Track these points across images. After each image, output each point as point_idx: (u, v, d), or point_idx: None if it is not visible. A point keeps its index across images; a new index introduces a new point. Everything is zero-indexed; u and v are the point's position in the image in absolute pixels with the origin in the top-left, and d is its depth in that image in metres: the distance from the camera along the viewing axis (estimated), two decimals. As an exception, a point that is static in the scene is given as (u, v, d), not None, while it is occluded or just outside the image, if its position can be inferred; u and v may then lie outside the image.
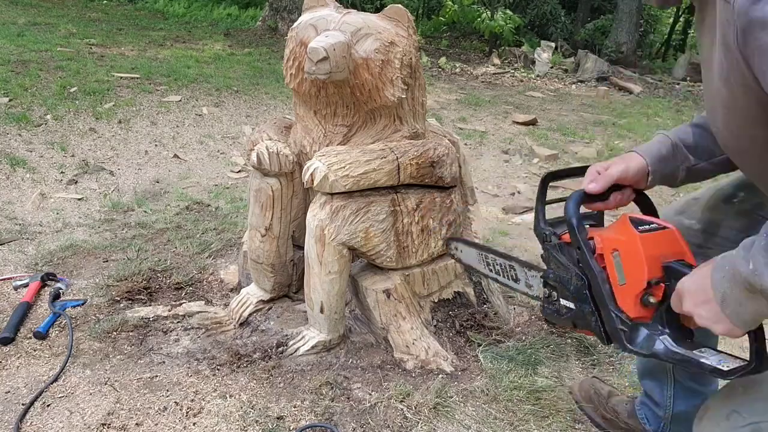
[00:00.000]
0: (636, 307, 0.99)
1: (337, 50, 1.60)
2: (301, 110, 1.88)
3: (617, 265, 1.01)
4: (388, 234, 1.81)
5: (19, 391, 1.70)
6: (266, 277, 2.00)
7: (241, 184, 3.66)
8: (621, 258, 1.01)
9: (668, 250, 1.01)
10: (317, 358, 1.87)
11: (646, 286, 0.98)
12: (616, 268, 1.01)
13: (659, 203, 1.88)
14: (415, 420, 1.66)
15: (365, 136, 1.81)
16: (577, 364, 2.02)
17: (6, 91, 4.34)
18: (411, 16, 1.73)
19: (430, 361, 1.86)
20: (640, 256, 0.98)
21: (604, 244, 1.05)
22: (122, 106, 4.50)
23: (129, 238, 2.70)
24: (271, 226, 1.91)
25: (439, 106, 6.16)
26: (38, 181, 3.34)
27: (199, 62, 6.27)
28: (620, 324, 1.00)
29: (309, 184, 1.72)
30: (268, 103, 5.23)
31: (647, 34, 14.03)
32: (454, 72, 8.72)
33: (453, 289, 2.01)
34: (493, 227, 3.29)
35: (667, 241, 1.02)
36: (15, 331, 1.92)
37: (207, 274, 2.38)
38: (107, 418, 1.60)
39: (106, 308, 2.11)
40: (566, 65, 10.08)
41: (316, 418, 1.64)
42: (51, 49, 5.70)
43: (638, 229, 1.02)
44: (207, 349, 1.90)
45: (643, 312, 0.99)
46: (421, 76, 1.82)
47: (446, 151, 1.87)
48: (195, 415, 1.63)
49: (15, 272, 2.35)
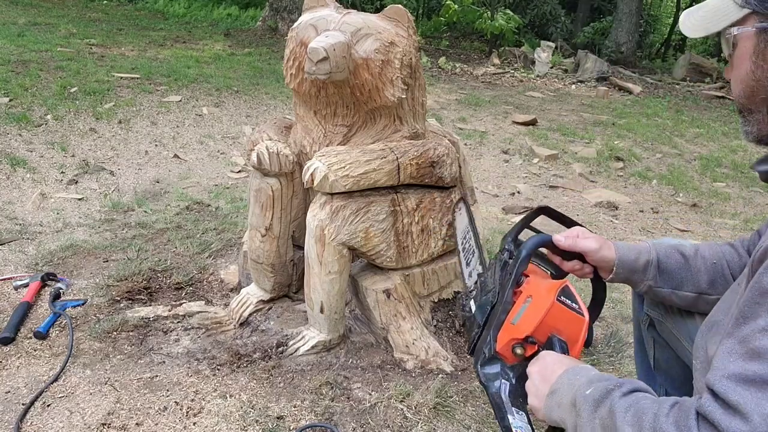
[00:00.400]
0: (506, 346, 1.08)
1: (337, 50, 1.61)
2: (301, 110, 1.88)
3: (522, 308, 1.09)
4: (388, 234, 1.81)
5: (19, 391, 1.70)
6: (266, 277, 2.00)
7: (241, 184, 3.66)
8: (528, 305, 1.09)
9: (565, 329, 1.08)
10: (317, 358, 1.87)
11: (524, 338, 1.06)
12: (520, 309, 1.09)
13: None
14: (415, 420, 1.66)
15: (365, 136, 1.81)
16: (577, 364, 2.02)
17: (6, 91, 4.34)
18: (411, 16, 1.73)
19: (430, 361, 1.87)
20: (539, 316, 1.06)
21: (528, 286, 1.13)
22: (122, 106, 4.50)
23: (129, 238, 2.70)
24: (271, 226, 1.92)
25: (439, 106, 6.17)
26: (38, 181, 3.34)
27: (199, 62, 6.28)
28: (486, 349, 1.09)
29: (309, 184, 1.72)
30: (268, 103, 5.23)
31: (647, 34, 14.04)
32: (454, 72, 8.72)
33: (453, 289, 2.01)
34: (493, 227, 3.29)
35: (570, 323, 1.08)
36: (15, 331, 1.92)
37: (207, 274, 2.38)
38: (107, 418, 1.60)
39: (106, 308, 2.11)
40: (566, 65, 10.09)
41: (316, 418, 1.64)
42: (51, 49, 5.71)
43: (559, 299, 1.08)
44: (207, 349, 1.90)
45: (508, 354, 1.08)
46: (421, 77, 1.82)
47: (446, 151, 1.87)
48: (195, 414, 1.63)
49: (15, 272, 2.35)
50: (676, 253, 1.29)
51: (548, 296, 1.08)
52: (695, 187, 4.47)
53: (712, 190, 4.42)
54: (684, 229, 3.75)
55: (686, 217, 3.97)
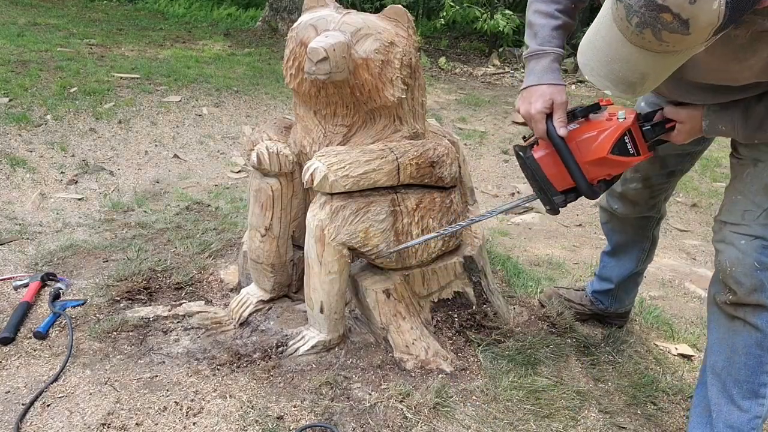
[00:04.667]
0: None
1: (337, 50, 1.61)
2: (301, 110, 1.88)
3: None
4: (387, 234, 1.81)
5: (19, 391, 1.70)
6: (266, 277, 2.00)
7: (241, 184, 3.66)
8: None
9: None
10: (317, 358, 1.87)
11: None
12: None
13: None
14: (415, 420, 1.66)
15: (365, 137, 1.81)
16: (577, 364, 2.02)
17: (6, 91, 4.34)
18: (411, 16, 1.73)
19: (430, 361, 1.87)
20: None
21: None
22: (122, 106, 4.50)
23: (129, 238, 2.70)
24: (271, 226, 1.92)
25: (439, 106, 6.17)
26: (38, 181, 3.34)
27: (199, 62, 6.27)
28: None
29: (309, 184, 1.72)
30: (268, 103, 5.23)
31: (647, 34, 13.98)
32: (453, 72, 8.72)
33: (453, 289, 2.01)
34: (493, 227, 3.29)
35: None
36: (15, 331, 1.92)
37: (207, 274, 2.38)
38: (107, 418, 1.60)
39: (106, 308, 2.11)
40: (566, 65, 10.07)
41: (316, 417, 1.64)
42: (51, 49, 5.70)
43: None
44: (207, 349, 1.90)
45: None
46: (421, 77, 1.83)
47: (446, 151, 1.87)
48: (195, 414, 1.63)
49: (15, 272, 2.35)
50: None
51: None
52: (695, 187, 4.47)
53: (711, 190, 4.43)
54: (684, 229, 3.75)
55: (686, 217, 3.98)
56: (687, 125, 1.50)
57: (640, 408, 1.88)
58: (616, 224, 2.09)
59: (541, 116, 1.50)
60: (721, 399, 1.56)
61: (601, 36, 1.11)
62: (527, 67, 1.59)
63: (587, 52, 1.16)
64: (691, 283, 2.95)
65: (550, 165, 1.55)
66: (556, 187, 1.56)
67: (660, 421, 1.85)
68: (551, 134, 1.49)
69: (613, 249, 2.15)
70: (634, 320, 2.40)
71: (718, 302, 1.54)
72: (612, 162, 1.49)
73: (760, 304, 1.46)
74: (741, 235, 1.47)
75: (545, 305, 2.30)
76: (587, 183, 1.49)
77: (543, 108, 1.50)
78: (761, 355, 1.50)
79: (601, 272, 2.20)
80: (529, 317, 2.23)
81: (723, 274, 1.50)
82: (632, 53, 1.06)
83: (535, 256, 3.05)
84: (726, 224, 1.52)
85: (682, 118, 1.51)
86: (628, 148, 1.50)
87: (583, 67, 1.17)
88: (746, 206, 1.48)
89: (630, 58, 1.07)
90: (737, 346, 1.51)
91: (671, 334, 2.37)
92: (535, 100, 1.51)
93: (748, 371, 1.51)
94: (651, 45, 1.03)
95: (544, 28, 1.56)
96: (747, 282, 1.45)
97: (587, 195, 1.52)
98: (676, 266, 3.15)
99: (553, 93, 1.51)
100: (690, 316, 2.59)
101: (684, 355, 2.23)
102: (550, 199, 1.58)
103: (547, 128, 1.49)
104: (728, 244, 1.50)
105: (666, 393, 1.98)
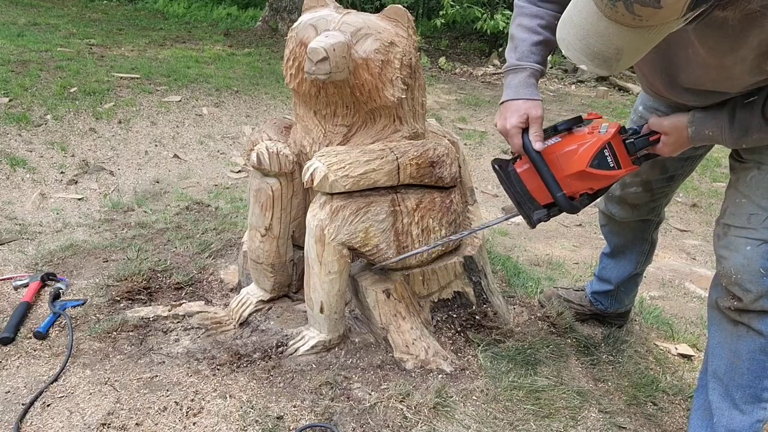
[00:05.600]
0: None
1: (337, 50, 1.61)
2: (301, 110, 1.88)
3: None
4: (387, 234, 1.81)
5: (19, 391, 1.70)
6: (266, 277, 2.01)
7: (241, 184, 3.66)
8: None
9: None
10: (317, 358, 1.87)
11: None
12: None
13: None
14: (415, 420, 1.66)
15: (365, 136, 1.81)
16: (577, 364, 2.02)
17: (6, 91, 4.34)
18: (411, 16, 1.73)
19: (430, 361, 1.87)
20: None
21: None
22: (122, 106, 4.50)
23: (129, 238, 2.70)
24: (271, 226, 1.92)
25: (439, 106, 6.17)
26: (38, 181, 3.34)
27: (199, 62, 6.27)
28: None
29: (309, 184, 1.72)
30: (268, 103, 5.23)
31: (647, 34, 13.99)
32: (453, 72, 8.72)
33: (453, 289, 2.01)
34: (493, 227, 3.29)
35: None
36: (15, 331, 1.92)
37: (207, 274, 2.38)
38: (107, 418, 1.60)
39: (106, 308, 2.11)
40: (566, 65, 10.08)
41: (316, 418, 1.64)
42: (51, 49, 5.70)
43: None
44: (207, 349, 1.90)
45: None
46: (421, 77, 1.83)
47: (446, 151, 1.87)
48: (195, 415, 1.63)
49: (15, 272, 2.35)
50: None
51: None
52: (695, 187, 4.47)
53: (711, 190, 4.43)
54: (684, 229, 3.75)
55: (686, 217, 3.97)
56: (672, 136, 1.48)
57: (640, 408, 1.88)
58: (614, 227, 2.09)
59: (516, 131, 1.50)
60: (723, 403, 1.56)
61: (578, 10, 1.10)
62: (504, 81, 1.60)
63: (565, 27, 1.15)
64: (691, 283, 2.95)
65: (532, 179, 1.55)
66: (539, 201, 1.57)
67: (660, 421, 1.85)
68: (527, 148, 1.49)
69: (612, 251, 2.15)
70: (634, 320, 2.40)
71: (720, 307, 1.53)
72: (592, 175, 1.48)
73: (765, 310, 1.45)
74: (747, 239, 1.45)
75: (545, 305, 2.30)
76: (564, 196, 1.48)
77: (518, 123, 1.50)
78: (765, 360, 1.49)
79: (601, 273, 2.20)
80: (529, 317, 2.23)
81: (727, 280, 1.49)
82: (607, 27, 1.06)
83: (535, 256, 3.05)
84: (731, 228, 1.50)
85: (665, 128, 1.49)
86: (608, 161, 1.48)
87: (561, 41, 1.16)
88: (752, 210, 1.46)
89: (605, 33, 1.07)
90: (740, 351, 1.50)
91: (671, 334, 2.37)
92: (510, 115, 1.51)
93: (751, 376, 1.51)
94: (624, 18, 1.02)
95: (524, 43, 1.56)
96: (754, 289, 1.44)
97: (564, 209, 1.50)
98: (676, 266, 3.15)
99: (528, 108, 1.50)
100: (690, 316, 2.59)
101: (684, 355, 2.23)
102: (527, 214, 1.58)
103: (523, 143, 1.50)
104: (732, 250, 1.48)
105: (666, 393, 1.98)
